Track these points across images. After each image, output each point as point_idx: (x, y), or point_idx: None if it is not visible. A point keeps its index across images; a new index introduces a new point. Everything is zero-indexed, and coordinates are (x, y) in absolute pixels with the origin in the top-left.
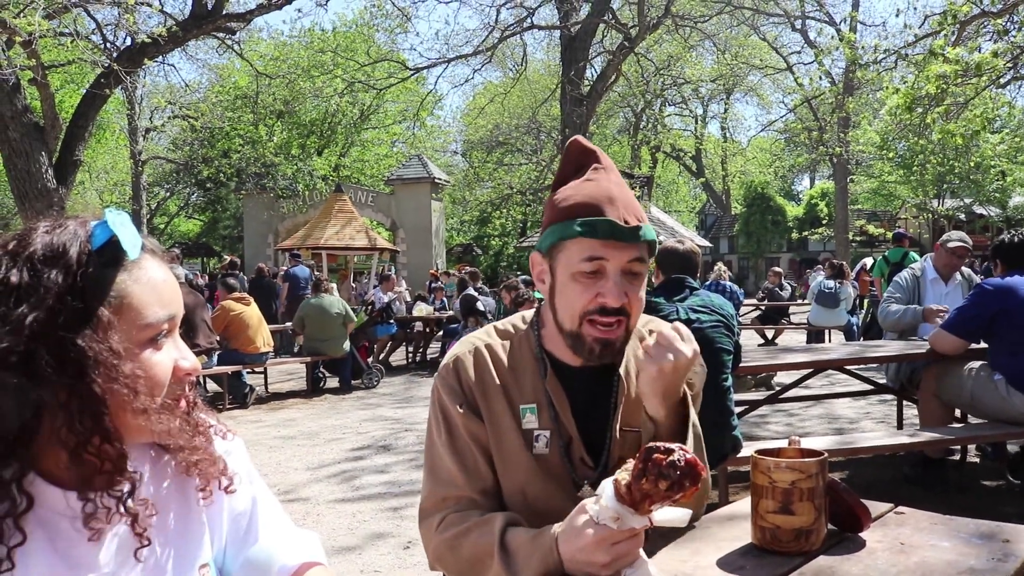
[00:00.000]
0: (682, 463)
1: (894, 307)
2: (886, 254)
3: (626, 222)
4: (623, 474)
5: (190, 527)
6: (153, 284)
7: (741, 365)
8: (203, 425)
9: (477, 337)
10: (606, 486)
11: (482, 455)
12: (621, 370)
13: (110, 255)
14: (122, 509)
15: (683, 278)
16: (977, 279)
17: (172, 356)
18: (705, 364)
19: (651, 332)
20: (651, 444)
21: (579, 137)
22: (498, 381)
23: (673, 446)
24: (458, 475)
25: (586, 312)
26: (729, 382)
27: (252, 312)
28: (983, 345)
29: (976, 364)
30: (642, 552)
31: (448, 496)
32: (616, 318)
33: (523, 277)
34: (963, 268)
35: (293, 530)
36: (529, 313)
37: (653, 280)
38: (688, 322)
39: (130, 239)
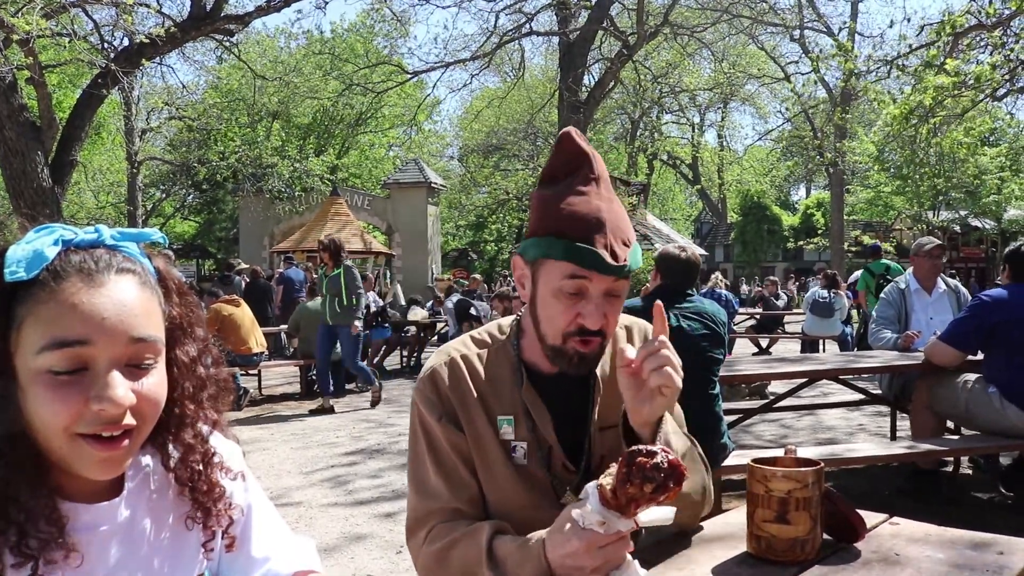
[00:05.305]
0: (666, 465)
1: (884, 334)
2: (868, 266)
3: (614, 253)
4: (607, 479)
5: (187, 542)
6: (61, 309)
7: (735, 374)
8: (220, 488)
9: (452, 347)
10: (590, 491)
11: (464, 466)
12: (597, 370)
13: (17, 281)
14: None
15: (680, 285)
16: (964, 290)
17: (81, 391)
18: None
19: (626, 328)
20: (633, 448)
21: (573, 131)
22: (475, 392)
23: (656, 448)
24: (443, 488)
25: (567, 333)
26: (717, 390)
27: (243, 313)
28: (979, 357)
29: (970, 376)
30: (628, 555)
31: (434, 509)
32: (594, 338)
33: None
34: (949, 280)
35: (288, 537)
36: (506, 321)
37: (649, 282)
38: (679, 329)
39: (15, 259)
